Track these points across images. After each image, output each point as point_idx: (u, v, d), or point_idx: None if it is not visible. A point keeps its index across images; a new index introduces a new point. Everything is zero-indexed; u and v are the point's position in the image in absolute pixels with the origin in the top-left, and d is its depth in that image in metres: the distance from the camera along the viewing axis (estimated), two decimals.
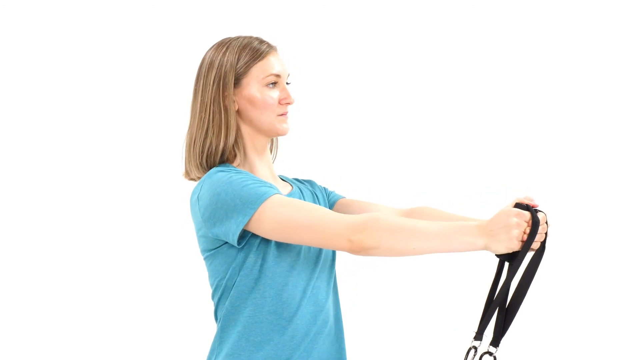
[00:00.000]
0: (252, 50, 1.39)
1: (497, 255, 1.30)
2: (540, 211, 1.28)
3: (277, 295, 1.37)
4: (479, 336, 1.32)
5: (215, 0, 3.34)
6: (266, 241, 1.37)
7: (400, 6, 3.33)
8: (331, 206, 1.52)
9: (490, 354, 1.33)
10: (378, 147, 3.39)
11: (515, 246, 1.24)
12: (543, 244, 1.29)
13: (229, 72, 1.38)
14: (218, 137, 1.39)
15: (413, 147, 3.41)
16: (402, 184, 3.39)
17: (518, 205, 1.27)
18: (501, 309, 1.34)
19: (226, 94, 1.39)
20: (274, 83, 1.39)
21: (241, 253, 1.37)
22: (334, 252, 1.47)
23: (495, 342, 1.33)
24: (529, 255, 1.30)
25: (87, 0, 3.30)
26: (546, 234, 1.28)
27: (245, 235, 1.36)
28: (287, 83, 1.42)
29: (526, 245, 1.25)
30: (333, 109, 3.10)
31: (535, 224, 1.24)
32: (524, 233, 1.24)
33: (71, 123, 3.35)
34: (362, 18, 3.32)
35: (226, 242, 1.37)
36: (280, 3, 3.31)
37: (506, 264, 1.31)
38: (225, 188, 1.32)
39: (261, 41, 1.42)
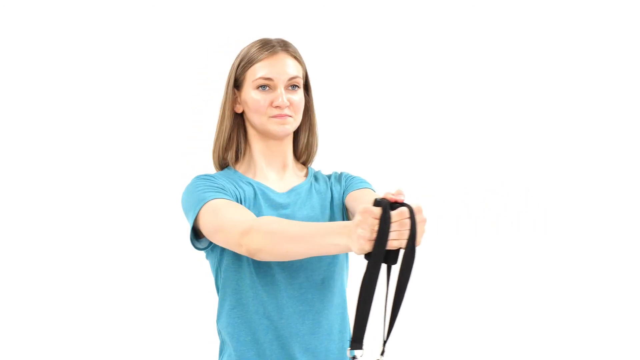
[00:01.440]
0: (250, 54, 1.39)
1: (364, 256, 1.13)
2: (406, 205, 1.09)
3: (257, 295, 1.38)
4: (355, 345, 1.14)
5: (218, 1, 3.34)
6: None
7: (402, 5, 3.34)
8: (343, 199, 1.47)
9: None
10: (381, 144, 3.39)
11: (364, 246, 1.07)
12: (411, 242, 1.09)
13: (232, 76, 1.42)
14: (217, 138, 1.45)
15: (416, 144, 3.42)
16: (405, 181, 3.38)
17: (376, 201, 1.10)
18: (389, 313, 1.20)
19: (228, 97, 1.42)
20: (266, 86, 1.37)
21: (217, 255, 1.40)
22: None
23: (381, 351, 1.21)
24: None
25: (88, 1, 3.30)
26: (412, 230, 1.09)
27: (207, 239, 1.38)
28: (293, 86, 1.39)
29: (376, 244, 1.07)
30: (337, 107, 3.10)
31: (383, 220, 1.06)
32: (374, 231, 1.07)
33: (71, 123, 3.36)
34: (362, 17, 3.33)
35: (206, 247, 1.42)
36: (281, 3, 3.31)
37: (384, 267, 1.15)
38: (186, 196, 1.38)
39: (265, 43, 1.40)
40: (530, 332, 2.31)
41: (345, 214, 1.46)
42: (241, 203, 1.36)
